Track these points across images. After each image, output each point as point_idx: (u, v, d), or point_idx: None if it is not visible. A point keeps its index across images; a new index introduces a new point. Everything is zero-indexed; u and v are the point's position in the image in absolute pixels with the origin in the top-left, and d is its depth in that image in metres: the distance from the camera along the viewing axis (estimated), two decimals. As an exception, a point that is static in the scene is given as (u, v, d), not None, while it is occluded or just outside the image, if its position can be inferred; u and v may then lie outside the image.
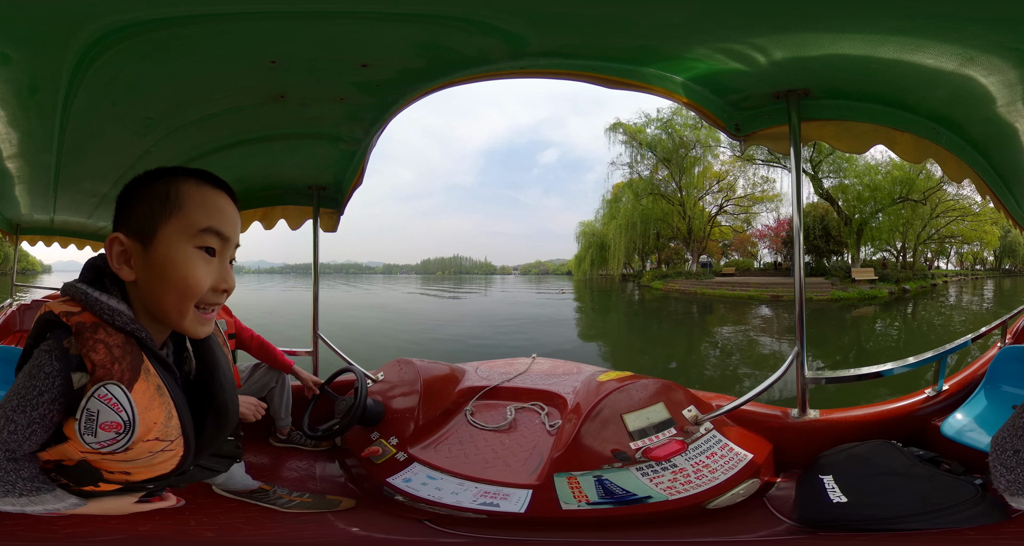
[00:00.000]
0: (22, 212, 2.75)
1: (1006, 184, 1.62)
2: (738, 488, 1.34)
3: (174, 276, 0.68)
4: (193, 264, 0.69)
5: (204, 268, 0.70)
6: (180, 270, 0.68)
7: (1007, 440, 0.91)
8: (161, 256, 0.68)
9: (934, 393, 1.66)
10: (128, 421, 0.66)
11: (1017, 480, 0.88)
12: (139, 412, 0.66)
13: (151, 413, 0.68)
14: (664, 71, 1.34)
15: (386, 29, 1.08)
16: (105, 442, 0.66)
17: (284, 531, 1.38)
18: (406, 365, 2.06)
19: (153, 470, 0.74)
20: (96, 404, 0.64)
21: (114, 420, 0.65)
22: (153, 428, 0.69)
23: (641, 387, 1.57)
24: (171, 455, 0.74)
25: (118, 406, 0.65)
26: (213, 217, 0.71)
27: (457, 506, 1.36)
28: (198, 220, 0.70)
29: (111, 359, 0.66)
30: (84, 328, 0.66)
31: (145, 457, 0.70)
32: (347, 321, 13.76)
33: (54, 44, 0.98)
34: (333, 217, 2.36)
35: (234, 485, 1.52)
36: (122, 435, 0.66)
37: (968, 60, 1.08)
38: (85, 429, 0.65)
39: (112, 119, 1.39)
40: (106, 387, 0.64)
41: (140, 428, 0.67)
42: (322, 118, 1.54)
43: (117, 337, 0.67)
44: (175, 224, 0.69)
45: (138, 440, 0.67)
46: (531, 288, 41.69)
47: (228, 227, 0.73)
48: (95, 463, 0.70)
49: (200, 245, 0.70)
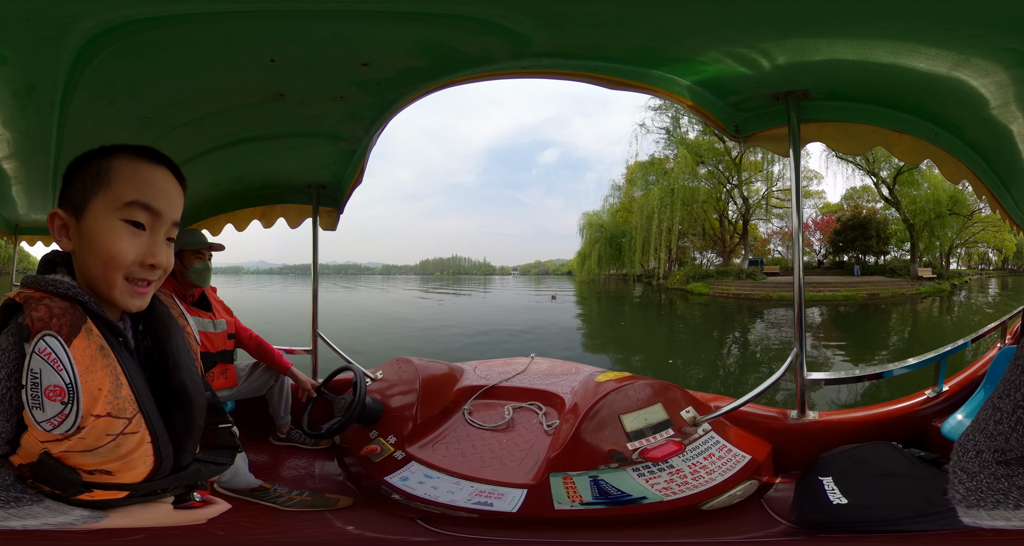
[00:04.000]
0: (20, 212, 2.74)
1: (1004, 185, 1.62)
2: (735, 489, 1.34)
3: (99, 247, 0.70)
4: (117, 236, 0.70)
5: (129, 241, 0.70)
6: (103, 241, 0.69)
7: (969, 439, 0.86)
8: (89, 228, 0.70)
9: (934, 394, 1.66)
10: (70, 385, 0.63)
11: (978, 488, 0.81)
12: (80, 372, 0.64)
13: (94, 376, 0.65)
14: (666, 72, 1.34)
15: (387, 28, 1.07)
16: (54, 418, 0.62)
17: (284, 529, 1.38)
18: (405, 364, 2.06)
19: (130, 465, 0.70)
20: (37, 362, 0.62)
21: (56, 382, 0.62)
22: (99, 396, 0.65)
23: (639, 388, 1.56)
24: (137, 440, 0.70)
25: (57, 363, 0.63)
26: (142, 191, 0.71)
27: (451, 505, 1.36)
28: (124, 193, 0.70)
29: (49, 315, 0.65)
30: (31, 299, 0.67)
31: (107, 443, 0.66)
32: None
33: (51, 43, 0.98)
34: (333, 216, 2.36)
35: (237, 483, 1.52)
36: (67, 404, 0.62)
37: (961, 62, 1.08)
38: (32, 401, 0.62)
39: (110, 118, 1.39)
40: (44, 340, 0.63)
41: (84, 397, 0.63)
42: (322, 117, 1.54)
43: (61, 303, 0.68)
44: (103, 197, 0.70)
45: (87, 413, 0.64)
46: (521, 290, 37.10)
47: (160, 201, 0.72)
48: (63, 459, 0.66)
49: (126, 218, 0.70)
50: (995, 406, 0.85)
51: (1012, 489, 0.80)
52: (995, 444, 0.83)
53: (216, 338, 1.87)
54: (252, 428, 2.03)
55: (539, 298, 26.61)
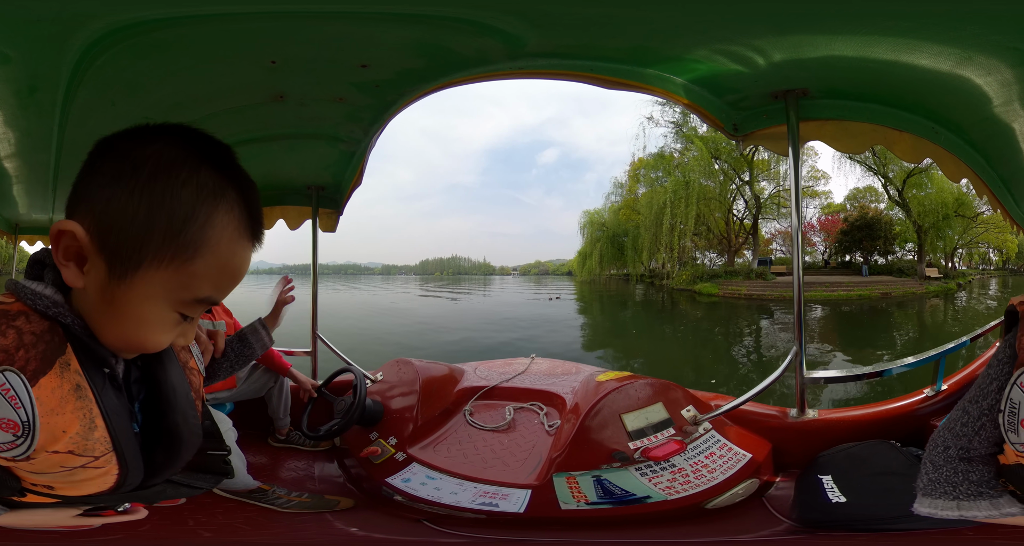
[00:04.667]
0: (20, 212, 2.74)
1: (1004, 184, 1.62)
2: (737, 488, 1.34)
3: (130, 330, 0.53)
4: (161, 329, 0.53)
5: (170, 332, 0.55)
6: (140, 329, 0.53)
7: (940, 435, 0.91)
8: (130, 302, 0.51)
9: (933, 393, 1.66)
10: (27, 423, 0.50)
11: (938, 480, 0.87)
12: (42, 414, 0.50)
13: (60, 418, 0.51)
14: (662, 71, 1.34)
15: (385, 30, 1.08)
16: (3, 444, 0.50)
17: (283, 531, 1.38)
18: (405, 365, 2.06)
19: (79, 488, 0.59)
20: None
21: (10, 418, 0.49)
22: (62, 438, 0.52)
23: (640, 387, 1.57)
24: (99, 473, 0.57)
25: (16, 401, 0.49)
26: (220, 287, 0.53)
27: (456, 506, 1.36)
28: (201, 285, 0.52)
29: (17, 345, 0.49)
30: (6, 314, 0.51)
31: (58, 471, 0.55)
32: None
33: (54, 44, 0.98)
34: (332, 217, 2.36)
35: (235, 485, 1.52)
36: (20, 438, 0.50)
37: (965, 60, 1.08)
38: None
39: (112, 119, 1.39)
40: (3, 374, 0.48)
41: (42, 435, 0.51)
42: (322, 118, 1.55)
43: (39, 325, 0.51)
44: (171, 274, 0.50)
45: (40, 449, 0.51)
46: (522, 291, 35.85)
47: (228, 292, 0.55)
48: (12, 470, 0.55)
49: (181, 311, 0.53)
50: (964, 409, 0.90)
51: (963, 482, 0.86)
52: (960, 443, 0.89)
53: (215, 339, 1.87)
54: (251, 430, 2.03)
55: (538, 298, 26.23)
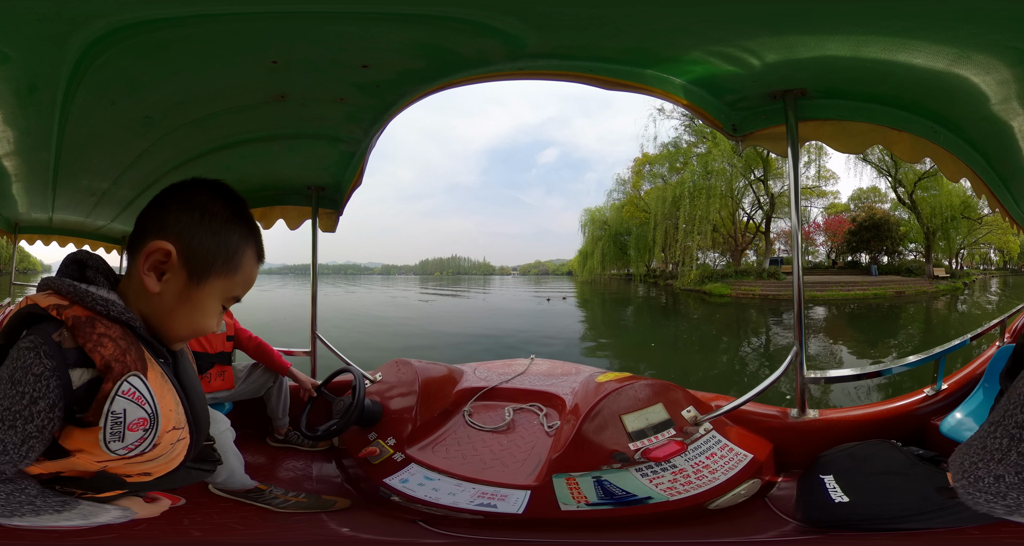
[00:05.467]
0: (20, 211, 2.74)
1: (1004, 183, 1.63)
2: (739, 488, 1.34)
3: (197, 318, 0.75)
4: (214, 317, 0.78)
5: (216, 320, 0.79)
6: (205, 317, 0.76)
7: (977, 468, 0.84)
8: (200, 299, 0.74)
9: (933, 392, 1.66)
10: (152, 414, 0.65)
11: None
12: (158, 401, 0.66)
13: (164, 402, 0.68)
14: (661, 72, 1.34)
15: (386, 30, 1.08)
16: (133, 444, 0.63)
17: (275, 530, 1.37)
18: (404, 366, 2.05)
19: (171, 465, 0.75)
20: (122, 403, 0.62)
21: (141, 416, 0.63)
22: (171, 416, 0.70)
23: (640, 388, 1.56)
24: (184, 444, 0.76)
25: (142, 399, 0.64)
26: (245, 289, 0.81)
27: (454, 507, 1.35)
28: (236, 287, 0.79)
29: (121, 351, 0.63)
30: (81, 322, 0.63)
31: (167, 451, 0.71)
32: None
33: (54, 43, 0.98)
34: (332, 217, 2.36)
35: (232, 485, 1.51)
36: (149, 431, 0.65)
37: (962, 58, 1.08)
38: (112, 436, 0.61)
39: (112, 118, 1.39)
40: (128, 381, 0.62)
41: (162, 419, 0.67)
42: (322, 118, 1.55)
43: (115, 329, 0.65)
44: (224, 281, 0.76)
45: (162, 433, 0.67)
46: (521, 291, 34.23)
47: (245, 293, 0.81)
48: (114, 470, 0.67)
49: (224, 304, 0.79)
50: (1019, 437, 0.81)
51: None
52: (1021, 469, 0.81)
53: (215, 339, 1.87)
54: (250, 429, 2.02)
55: (538, 298, 25.76)
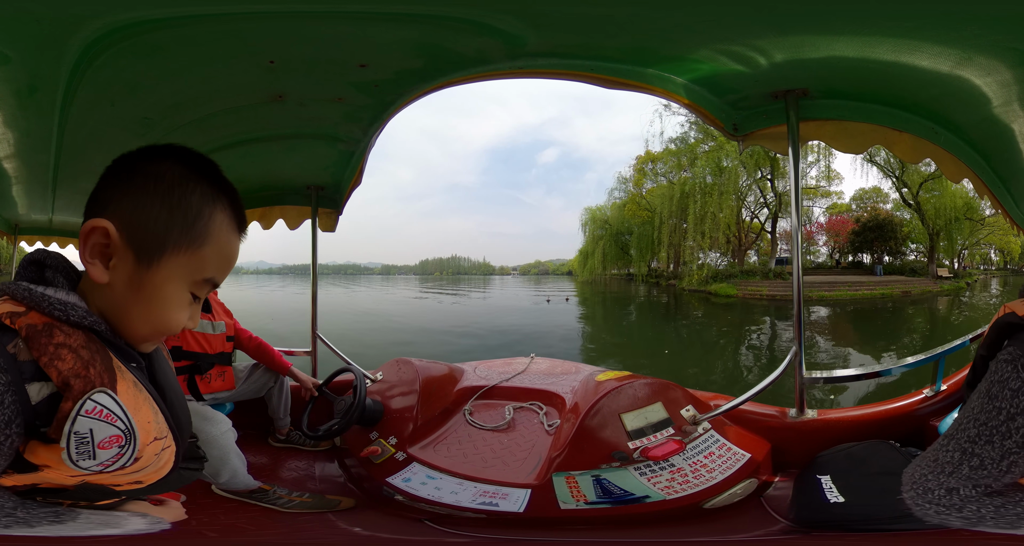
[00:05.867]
0: (20, 212, 2.74)
1: (1004, 185, 1.62)
2: (735, 488, 1.35)
3: (159, 313, 0.61)
4: (181, 308, 0.63)
5: (185, 311, 0.64)
6: (167, 311, 0.61)
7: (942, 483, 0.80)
8: (156, 286, 0.60)
9: (932, 393, 1.66)
10: (127, 429, 0.57)
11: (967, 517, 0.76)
12: (132, 415, 0.58)
13: (141, 413, 0.60)
14: (662, 71, 1.34)
15: (384, 29, 1.08)
16: (108, 460, 0.57)
17: (286, 531, 1.38)
18: (405, 365, 2.06)
19: (160, 472, 0.68)
20: (86, 423, 0.54)
21: (112, 433, 0.56)
22: (149, 428, 0.61)
23: (639, 387, 1.57)
24: (170, 452, 0.68)
25: (112, 417, 0.56)
26: (223, 269, 0.65)
27: (457, 505, 1.36)
28: (208, 267, 0.63)
29: (83, 364, 0.55)
30: (36, 331, 0.54)
31: (153, 462, 0.64)
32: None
33: (53, 44, 0.98)
34: (332, 217, 2.36)
35: (236, 485, 1.52)
36: (125, 447, 0.57)
37: (964, 60, 1.08)
38: (79, 455, 0.54)
39: (111, 119, 1.39)
40: (92, 399, 0.54)
41: (140, 433, 0.59)
42: (321, 118, 1.55)
43: (77, 336, 0.56)
44: (187, 258, 0.61)
45: (142, 446, 0.60)
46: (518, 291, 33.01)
47: (225, 275, 0.66)
48: (98, 481, 0.61)
49: (194, 291, 0.64)
50: (969, 451, 0.77)
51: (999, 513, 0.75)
52: (975, 483, 0.77)
53: (214, 340, 1.87)
54: (251, 430, 2.03)
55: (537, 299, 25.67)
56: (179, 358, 1.76)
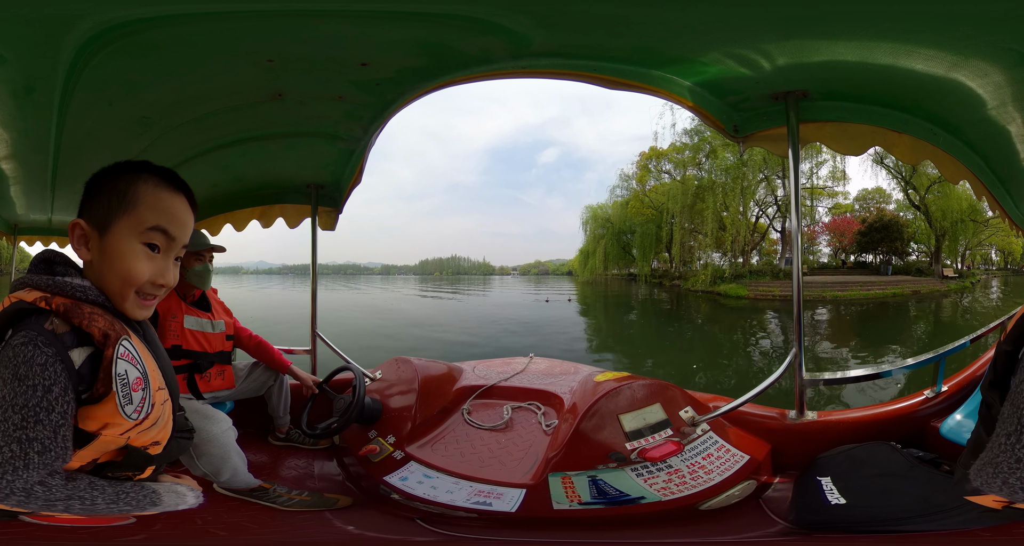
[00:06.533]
0: (19, 212, 2.74)
1: (1003, 185, 1.62)
2: (733, 489, 1.34)
3: (119, 265, 0.76)
4: (136, 258, 0.77)
5: (146, 263, 0.77)
6: (124, 261, 0.76)
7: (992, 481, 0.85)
8: (112, 246, 0.76)
9: (933, 394, 1.66)
10: (144, 373, 0.75)
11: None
12: (144, 362, 0.76)
13: (149, 362, 0.78)
14: (665, 73, 1.34)
15: (386, 28, 1.08)
16: (139, 406, 0.72)
17: (286, 529, 1.38)
18: (404, 364, 2.06)
19: (167, 429, 0.82)
20: (123, 364, 0.71)
21: (137, 376, 0.73)
22: (156, 376, 0.78)
23: (638, 388, 1.56)
24: (168, 405, 0.82)
25: (135, 360, 0.73)
26: (162, 217, 0.78)
27: (450, 505, 1.36)
28: (147, 219, 0.77)
29: (109, 323, 0.73)
30: (69, 307, 0.70)
31: (161, 414, 0.78)
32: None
33: (49, 43, 0.98)
34: (332, 216, 2.36)
35: (237, 483, 1.52)
36: (146, 390, 0.74)
37: (960, 63, 1.09)
38: (124, 399, 0.70)
39: (109, 118, 1.39)
40: (123, 344, 0.72)
41: (151, 379, 0.76)
42: (321, 117, 1.54)
43: (95, 309, 0.73)
44: (127, 219, 0.76)
45: (154, 392, 0.76)
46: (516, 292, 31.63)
47: (175, 228, 0.79)
48: (136, 443, 0.74)
49: (146, 241, 0.77)
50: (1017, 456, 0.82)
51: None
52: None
53: (214, 339, 1.86)
54: (251, 428, 2.03)
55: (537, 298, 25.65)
56: (178, 357, 1.75)
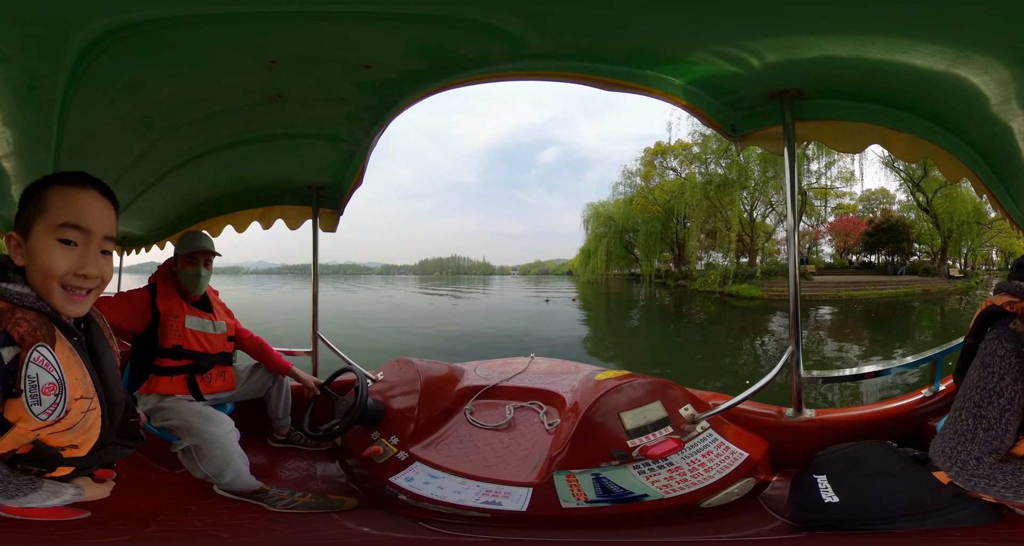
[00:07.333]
0: (19, 212, 2.74)
1: (1003, 184, 1.63)
2: (733, 487, 1.35)
3: (38, 262, 0.85)
4: (51, 252, 0.85)
5: (61, 256, 0.85)
6: (41, 257, 0.85)
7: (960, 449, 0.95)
8: (32, 247, 0.86)
9: (930, 393, 1.67)
10: (59, 380, 0.81)
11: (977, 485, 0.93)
12: (64, 370, 0.82)
13: (72, 370, 0.84)
14: (660, 73, 1.34)
15: (390, 30, 1.08)
16: (48, 409, 0.80)
17: (292, 531, 1.38)
18: (406, 364, 2.06)
19: (90, 436, 0.89)
20: (34, 368, 0.79)
21: (50, 381, 0.80)
22: (77, 385, 0.84)
23: (638, 386, 1.57)
24: (95, 414, 0.88)
25: (49, 365, 0.80)
26: (71, 214, 0.86)
27: (461, 505, 1.36)
28: (57, 217, 0.85)
29: (32, 329, 0.81)
30: (3, 311, 0.80)
31: (80, 420, 0.85)
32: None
33: (53, 43, 0.98)
34: (332, 217, 2.36)
35: (238, 485, 1.52)
36: (59, 396, 0.81)
37: (960, 59, 1.09)
38: (31, 399, 0.78)
39: (111, 118, 1.39)
40: (37, 350, 0.79)
41: (68, 386, 0.82)
42: (322, 118, 1.55)
43: (30, 314, 0.82)
44: (41, 222, 0.86)
45: (71, 400, 0.82)
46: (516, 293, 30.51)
47: (88, 220, 0.87)
48: (47, 441, 0.83)
49: (59, 237, 0.86)
50: (977, 415, 0.93)
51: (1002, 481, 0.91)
52: (991, 447, 0.91)
53: (215, 340, 1.86)
54: (253, 430, 2.03)
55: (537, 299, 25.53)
56: (179, 357, 1.76)
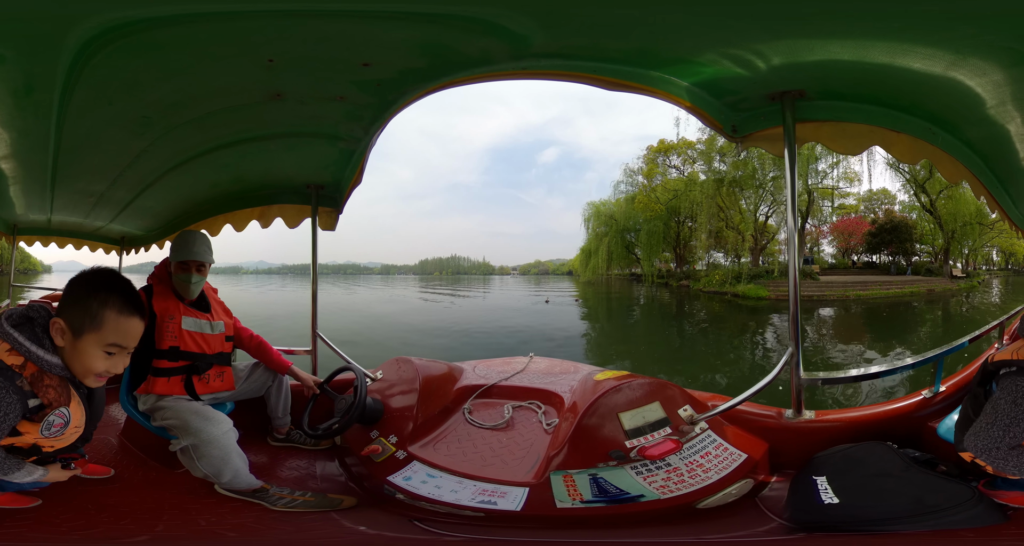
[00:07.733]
0: (18, 212, 2.74)
1: (1001, 184, 1.63)
2: (730, 488, 1.35)
3: (84, 362, 1.16)
4: (97, 360, 1.16)
5: (103, 362, 1.17)
6: (88, 361, 1.16)
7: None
8: (82, 349, 1.15)
9: (931, 394, 1.67)
10: (66, 421, 1.20)
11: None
12: (72, 417, 1.21)
13: (77, 416, 1.22)
14: (664, 74, 1.34)
15: (389, 28, 1.08)
16: (55, 431, 1.18)
17: (293, 530, 1.38)
18: (405, 364, 2.06)
19: (66, 442, 1.24)
20: (53, 418, 1.17)
21: (60, 423, 1.18)
22: (76, 420, 1.22)
23: (637, 386, 1.57)
24: (77, 432, 1.25)
25: (63, 416, 1.19)
26: (120, 338, 1.17)
27: (456, 504, 1.36)
28: (109, 337, 1.15)
29: (56, 395, 1.16)
30: (36, 378, 1.13)
31: (67, 437, 1.22)
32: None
33: (49, 43, 0.98)
34: (332, 216, 2.36)
35: (238, 485, 1.52)
36: (64, 428, 1.20)
37: (958, 61, 1.09)
38: (44, 430, 1.16)
39: (109, 118, 1.39)
40: (58, 411, 1.17)
41: (72, 424, 1.21)
42: (321, 117, 1.54)
43: (54, 379, 1.16)
44: (95, 335, 1.15)
45: (71, 429, 1.21)
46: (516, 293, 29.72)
47: (129, 341, 1.19)
48: (38, 443, 1.19)
49: (106, 350, 1.16)
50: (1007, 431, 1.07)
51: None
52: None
53: (213, 340, 1.85)
54: (252, 429, 2.03)
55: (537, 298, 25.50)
56: (176, 358, 1.75)
